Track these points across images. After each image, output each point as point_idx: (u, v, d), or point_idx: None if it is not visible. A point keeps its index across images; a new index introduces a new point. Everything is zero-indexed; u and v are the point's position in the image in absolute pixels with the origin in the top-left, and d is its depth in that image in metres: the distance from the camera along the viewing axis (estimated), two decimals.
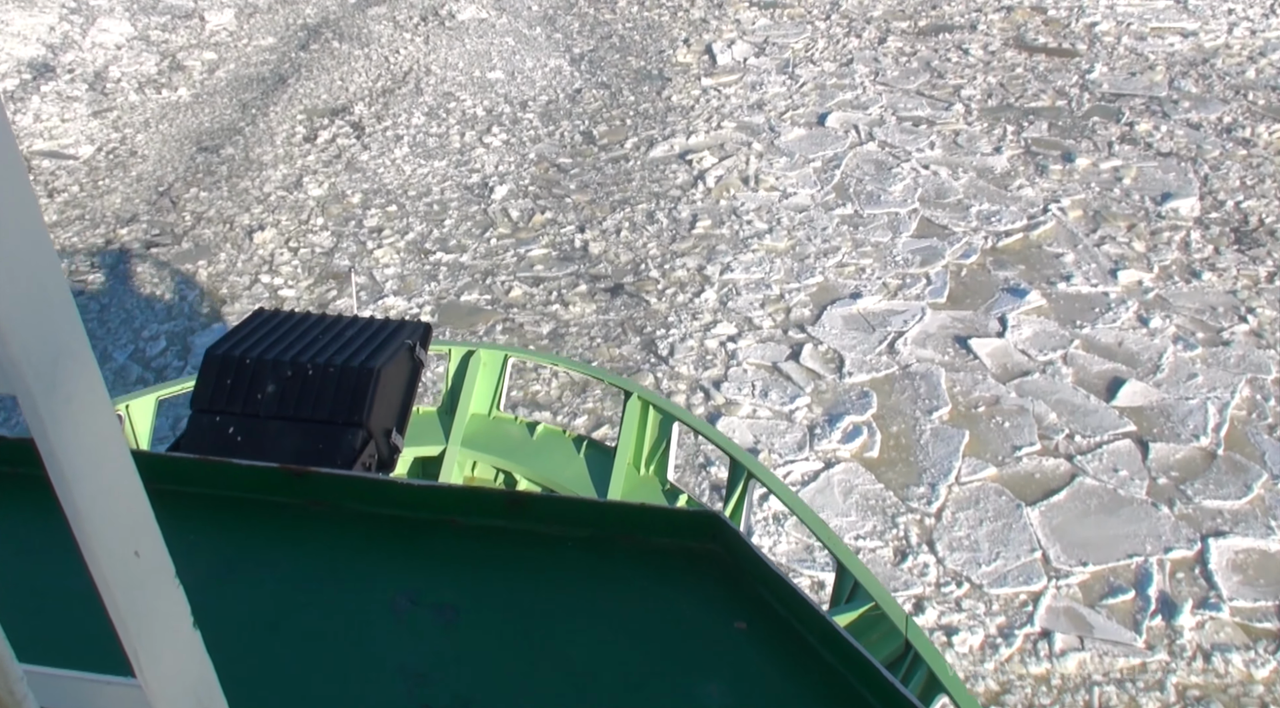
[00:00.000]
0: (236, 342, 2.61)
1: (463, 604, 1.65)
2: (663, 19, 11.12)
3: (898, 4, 11.41)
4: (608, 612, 1.65)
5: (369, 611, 1.65)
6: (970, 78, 9.78)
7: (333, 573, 1.73)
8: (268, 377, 2.53)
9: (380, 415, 2.56)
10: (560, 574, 1.72)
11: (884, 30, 10.80)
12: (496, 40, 10.71)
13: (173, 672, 0.82)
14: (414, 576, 1.71)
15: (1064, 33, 10.65)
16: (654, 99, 9.48)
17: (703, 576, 1.70)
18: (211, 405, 2.52)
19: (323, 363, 2.53)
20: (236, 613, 1.64)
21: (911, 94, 9.51)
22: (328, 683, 1.53)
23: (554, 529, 1.77)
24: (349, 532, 1.79)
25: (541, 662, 1.56)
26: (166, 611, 0.81)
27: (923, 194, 7.97)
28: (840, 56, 10.26)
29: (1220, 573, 4.86)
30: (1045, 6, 11.25)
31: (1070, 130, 8.85)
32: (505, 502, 1.79)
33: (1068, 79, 9.71)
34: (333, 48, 10.58)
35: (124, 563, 0.75)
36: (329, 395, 2.50)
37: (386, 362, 2.57)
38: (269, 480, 1.83)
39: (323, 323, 2.73)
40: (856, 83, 9.75)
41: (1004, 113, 9.16)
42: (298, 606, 1.66)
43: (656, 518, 1.77)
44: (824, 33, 10.78)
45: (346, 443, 2.47)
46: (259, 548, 1.78)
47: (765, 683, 1.54)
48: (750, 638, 1.60)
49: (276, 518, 1.82)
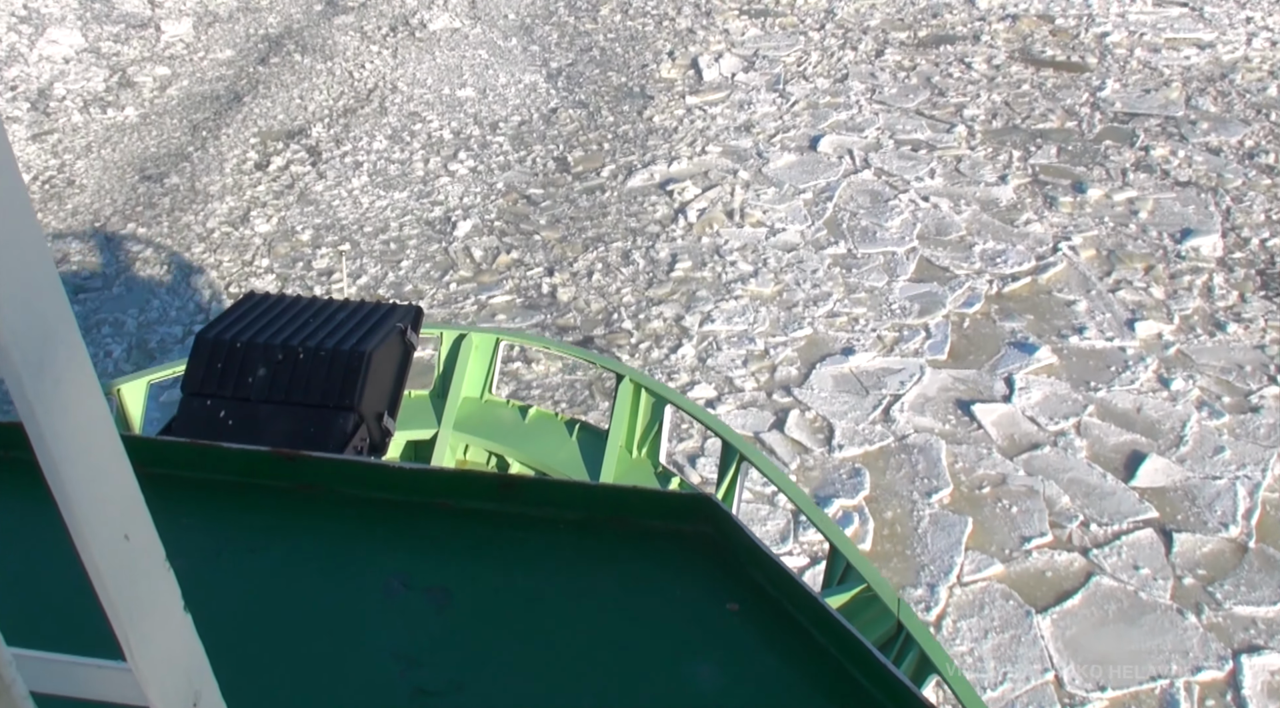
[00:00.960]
0: (227, 325, 2.61)
1: (455, 587, 1.65)
2: (647, 29, 10.48)
3: (896, 13, 10.76)
4: (600, 594, 1.65)
5: (361, 594, 1.64)
6: (973, 95, 9.14)
7: (324, 557, 1.73)
8: (259, 360, 2.53)
9: (372, 399, 2.57)
10: (552, 557, 1.71)
11: (881, 42, 10.16)
12: (469, 53, 10.06)
13: (164, 655, 0.82)
14: (406, 559, 1.70)
15: (1073, 44, 10.01)
16: (634, 120, 8.84)
17: (694, 558, 1.70)
18: (202, 389, 2.52)
19: (314, 347, 2.54)
20: (228, 597, 1.63)
21: (910, 114, 8.88)
22: (320, 667, 1.53)
23: (546, 512, 1.76)
24: (341, 516, 1.78)
25: (533, 644, 1.56)
26: (157, 594, 0.81)
27: (922, 230, 7.35)
28: (835, 71, 9.62)
29: (1255, 699, 4.27)
30: (1053, 15, 10.61)
31: (1081, 155, 8.22)
32: (497, 485, 1.78)
33: (1077, 97, 9.08)
34: (294, 61, 9.93)
35: (114, 547, 0.75)
36: (320, 379, 2.51)
37: (378, 345, 2.58)
38: (260, 464, 1.82)
39: (314, 306, 2.73)
40: (852, 101, 9.11)
41: (1010, 135, 8.53)
42: (290, 589, 1.66)
43: (648, 501, 1.77)
44: (818, 44, 10.13)
45: (338, 427, 2.49)
46: (250, 532, 1.77)
47: (757, 665, 1.54)
48: (742, 620, 1.60)
49: (268, 502, 1.81)
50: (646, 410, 3.37)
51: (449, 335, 3.62)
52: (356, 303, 2.81)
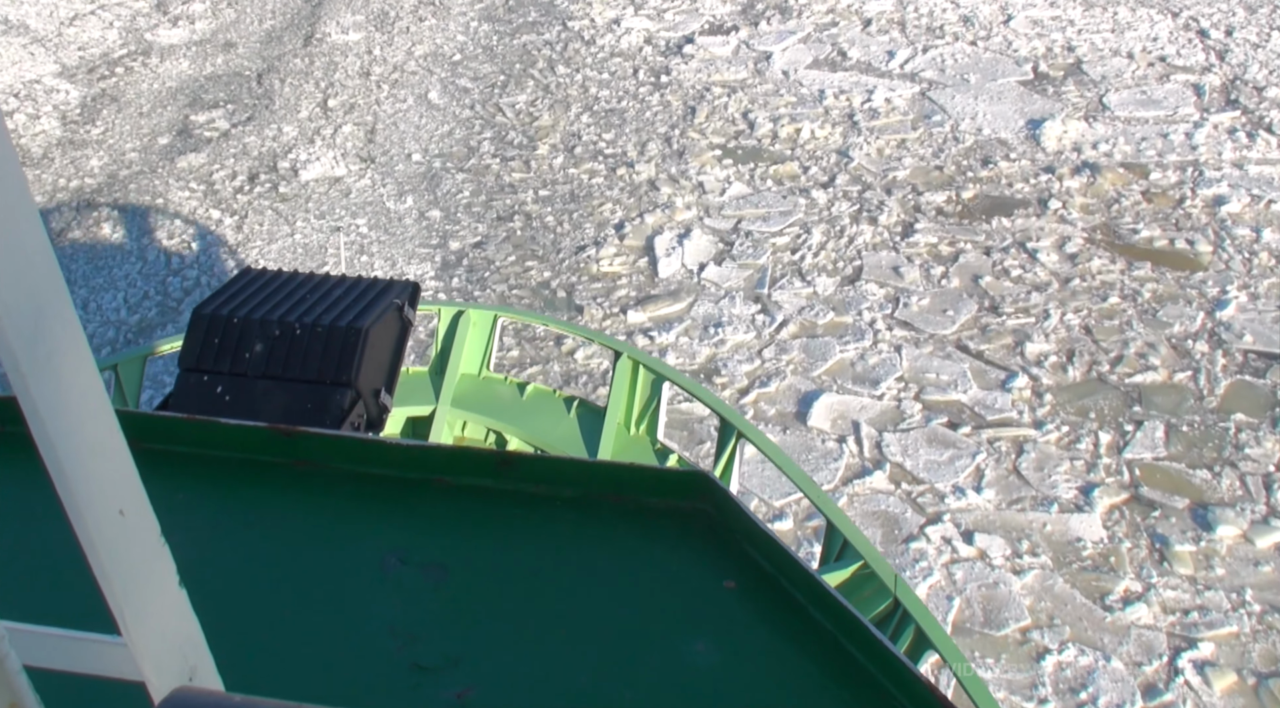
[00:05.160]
0: (224, 300, 2.65)
1: (452, 563, 1.65)
2: (594, 183, 7.77)
3: (932, 157, 7.99)
4: (597, 570, 1.66)
5: (358, 570, 1.65)
6: (1040, 313, 6.40)
7: (322, 532, 1.73)
8: (256, 336, 2.55)
9: (369, 375, 2.59)
10: (549, 533, 1.72)
11: (911, 208, 7.42)
12: (345, 219, 7.41)
13: (159, 630, 0.82)
14: (403, 535, 1.71)
15: (1175, 217, 7.23)
16: (553, 356, 6.16)
17: (692, 535, 1.71)
18: (199, 364, 2.56)
19: (310, 322, 2.57)
20: (225, 572, 1.63)
21: (948, 348, 6.16)
22: (317, 641, 1.53)
23: (543, 489, 1.76)
24: (338, 491, 1.78)
25: (530, 620, 1.57)
26: (152, 569, 0.81)
27: (962, 612, 4.67)
28: (844, 262, 6.91)
29: None
30: (1144, 164, 7.81)
31: (1202, 443, 5.49)
32: (494, 461, 1.79)
33: (1189, 318, 6.32)
34: (97, 240, 7.27)
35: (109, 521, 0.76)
36: (317, 355, 2.54)
37: (374, 321, 2.60)
38: (258, 440, 1.82)
39: (310, 282, 2.78)
40: (865, 322, 6.40)
41: (1094, 397, 5.80)
42: (287, 565, 1.67)
43: (645, 478, 1.77)
44: (823, 211, 7.40)
45: (335, 403, 2.51)
46: (248, 508, 1.78)
47: (754, 641, 1.55)
48: (739, 596, 1.61)
49: (265, 477, 1.81)
50: (645, 388, 3.37)
51: (447, 312, 3.61)
52: (353, 279, 2.81)
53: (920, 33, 9.76)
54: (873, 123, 8.41)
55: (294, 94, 8.81)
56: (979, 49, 9.44)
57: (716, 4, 10.39)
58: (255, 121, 8.46)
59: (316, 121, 8.43)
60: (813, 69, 9.19)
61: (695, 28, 9.95)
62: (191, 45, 9.63)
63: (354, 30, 9.88)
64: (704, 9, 10.30)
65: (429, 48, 9.59)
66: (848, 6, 10.26)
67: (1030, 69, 9.12)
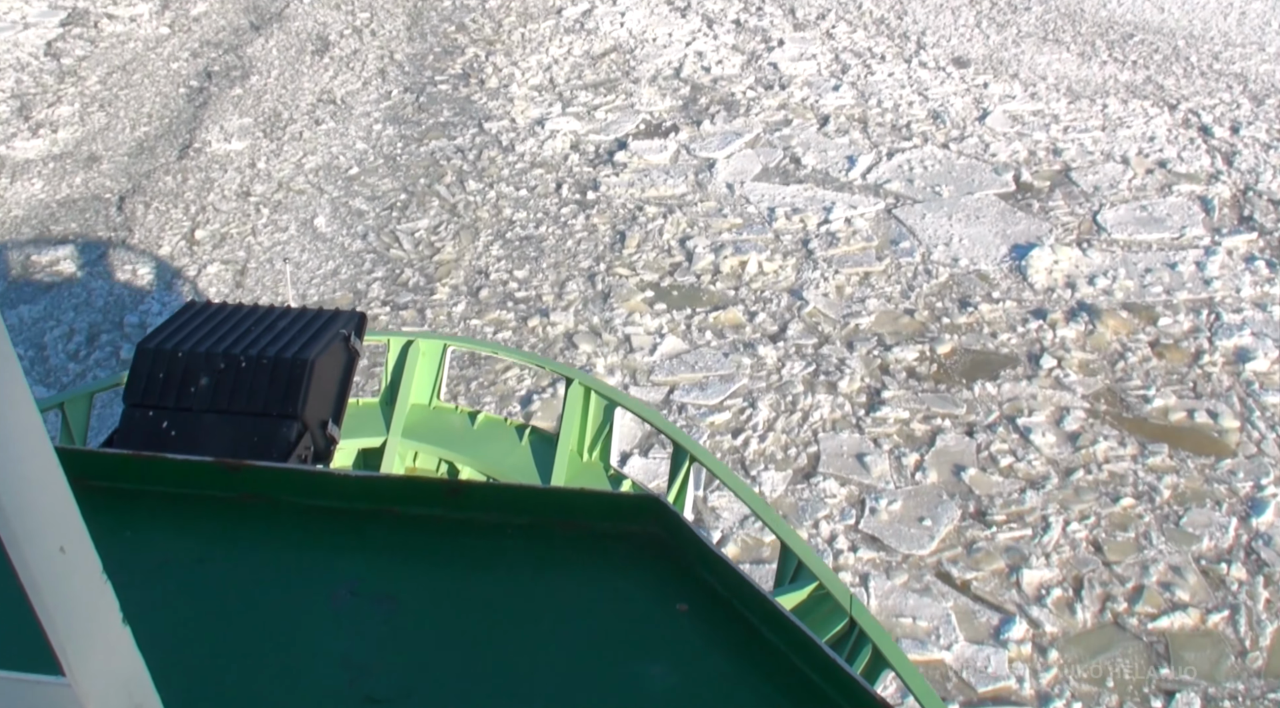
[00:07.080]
0: (168, 334, 2.60)
1: (403, 594, 1.64)
2: (501, 339, 6.52)
3: (900, 298, 6.78)
4: (550, 597, 1.65)
5: (309, 603, 1.63)
6: (1039, 523, 5.18)
7: (271, 566, 1.71)
8: (201, 370, 2.52)
9: (315, 407, 2.55)
10: (501, 562, 1.71)
11: (877, 368, 6.20)
12: None
13: (103, 669, 0.81)
14: (354, 567, 1.69)
15: (1193, 379, 6.03)
16: None
17: (644, 559, 1.69)
18: (144, 400, 2.51)
19: (255, 355, 2.53)
20: (174, 609, 1.61)
21: (925, 575, 4.92)
22: (268, 676, 1.52)
23: (494, 517, 1.74)
24: (286, 525, 1.76)
25: (484, 649, 1.55)
26: (95, 607, 0.79)
27: None
28: (795, 445, 5.67)
29: None
30: (1152, 305, 6.64)
31: None
32: (444, 491, 1.78)
33: (1218, 528, 5.11)
34: None
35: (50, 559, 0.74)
36: (263, 388, 2.50)
37: (320, 352, 2.57)
38: (204, 475, 1.81)
39: (255, 314, 2.73)
40: (821, 536, 5.16)
41: (1110, 655, 4.58)
42: (236, 600, 1.65)
43: (596, 503, 1.76)
44: (771, 374, 6.17)
45: (281, 436, 2.47)
46: (195, 543, 1.75)
47: (708, 664, 1.54)
48: (692, 620, 1.60)
49: (213, 512, 1.79)
50: (597, 414, 3.34)
51: (396, 342, 3.56)
52: (298, 310, 2.77)
53: (885, 132, 8.58)
54: (830, 251, 7.20)
55: (158, 223, 7.54)
56: (951, 153, 8.26)
57: (655, 99, 9.19)
58: (107, 261, 7.18)
59: (179, 260, 7.15)
60: (761, 181, 7.98)
61: (629, 128, 8.74)
62: (50, 160, 8.34)
63: (239, 137, 8.62)
64: (640, 105, 9.09)
65: (322, 158, 8.34)
66: (802, 101, 9.08)
67: (1011, 178, 7.95)
